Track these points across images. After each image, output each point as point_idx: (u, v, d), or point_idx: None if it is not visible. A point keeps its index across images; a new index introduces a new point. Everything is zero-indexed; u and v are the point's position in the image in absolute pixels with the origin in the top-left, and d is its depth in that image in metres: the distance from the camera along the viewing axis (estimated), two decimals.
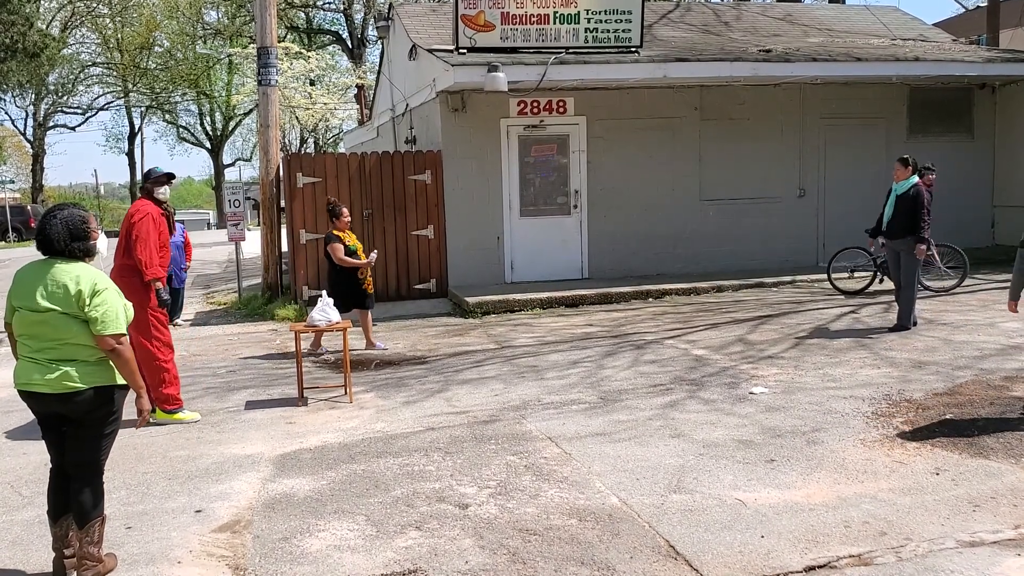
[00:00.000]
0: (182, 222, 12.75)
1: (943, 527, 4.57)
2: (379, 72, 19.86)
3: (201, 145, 57.67)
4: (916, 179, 9.73)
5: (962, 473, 5.30)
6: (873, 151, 14.94)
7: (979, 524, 4.58)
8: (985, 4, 21.43)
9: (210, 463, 6.22)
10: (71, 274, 4.31)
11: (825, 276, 12.83)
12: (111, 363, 4.36)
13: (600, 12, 13.31)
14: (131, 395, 4.50)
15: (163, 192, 7.60)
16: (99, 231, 4.95)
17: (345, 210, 10.10)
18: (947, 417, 6.40)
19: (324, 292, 8.41)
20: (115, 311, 4.32)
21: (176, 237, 11.43)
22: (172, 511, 5.31)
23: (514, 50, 13.04)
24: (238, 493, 5.58)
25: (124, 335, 4.35)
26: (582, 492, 5.28)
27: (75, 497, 4.38)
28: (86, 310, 4.26)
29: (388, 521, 4.98)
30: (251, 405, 7.88)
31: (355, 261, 9.82)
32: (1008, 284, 6.57)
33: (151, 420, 6.82)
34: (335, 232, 9.96)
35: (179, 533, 4.97)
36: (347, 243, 9.93)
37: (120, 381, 4.43)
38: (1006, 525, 4.56)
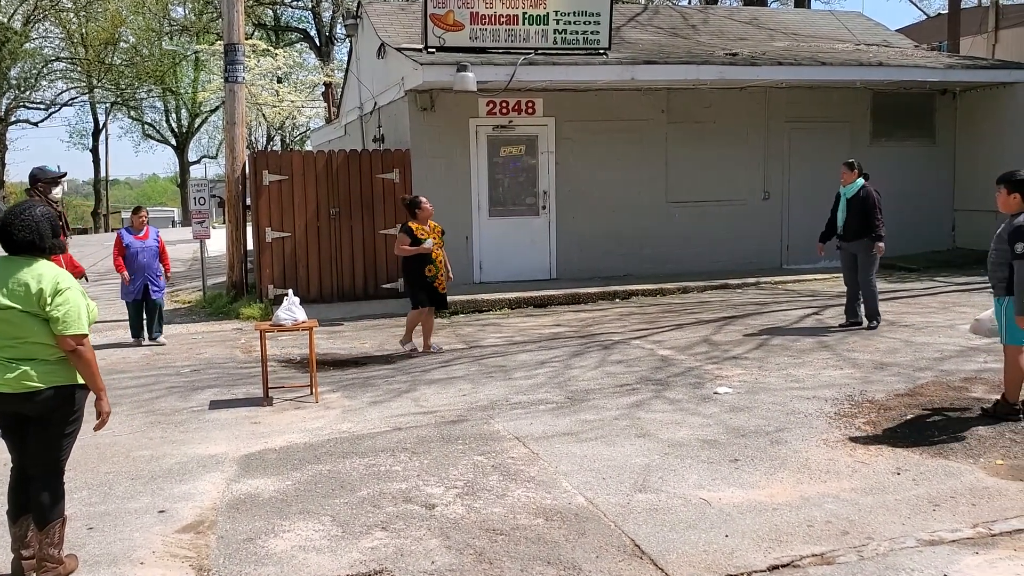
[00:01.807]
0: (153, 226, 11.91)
1: (904, 526, 4.63)
2: (347, 70, 19.77)
3: (167, 142, 57.07)
4: (862, 181, 9.89)
5: (923, 473, 5.38)
6: (837, 155, 14.96)
7: (939, 523, 4.66)
8: (946, 11, 21.77)
9: (173, 463, 6.16)
10: (34, 272, 4.24)
11: (789, 278, 12.97)
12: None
13: (569, 14, 13.36)
14: (91, 397, 4.45)
15: (57, 192, 7.55)
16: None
17: (425, 200, 9.56)
18: (908, 417, 6.49)
19: (291, 291, 8.34)
20: (77, 311, 4.26)
21: (149, 242, 10.86)
22: (135, 511, 5.25)
23: (483, 50, 13.04)
24: (202, 493, 5.53)
25: (86, 335, 4.28)
26: (549, 492, 5.29)
27: (35, 498, 4.32)
28: (47, 309, 4.19)
29: (354, 522, 4.95)
30: (215, 405, 7.81)
31: (412, 249, 9.32)
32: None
33: None
34: (410, 224, 9.44)
35: (142, 534, 4.91)
36: (420, 236, 9.33)
37: (81, 381, 4.37)
38: (965, 524, 4.63)
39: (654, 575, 4.21)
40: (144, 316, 10.95)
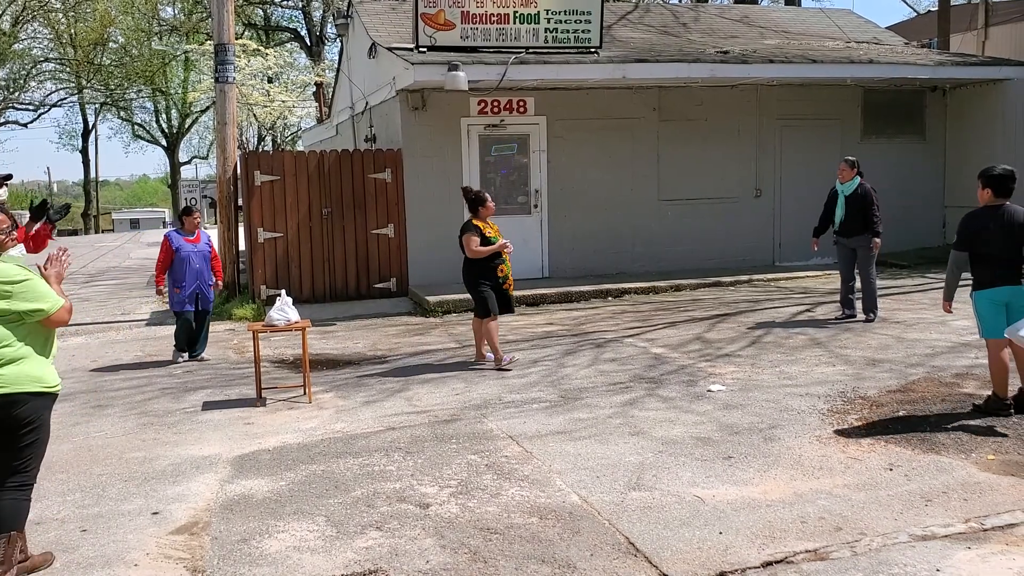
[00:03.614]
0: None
1: (896, 522, 4.65)
2: (338, 70, 19.75)
3: (157, 143, 56.84)
4: (859, 179, 9.99)
5: (915, 469, 5.40)
6: (828, 152, 15.12)
7: (931, 518, 4.68)
8: (936, 8, 21.83)
9: (167, 464, 6.15)
10: None
11: (781, 275, 13.00)
12: (24, 366, 4.24)
13: (560, 12, 13.35)
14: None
15: (3, 193, 7.51)
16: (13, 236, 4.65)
17: (489, 197, 8.88)
18: (900, 414, 6.51)
19: (283, 291, 8.32)
20: (43, 290, 4.29)
21: (201, 245, 9.71)
22: (128, 513, 5.24)
23: (474, 49, 13.04)
24: (196, 495, 5.52)
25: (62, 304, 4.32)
26: (543, 490, 5.30)
27: None
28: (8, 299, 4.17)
29: (348, 521, 4.95)
30: (208, 406, 7.79)
31: (489, 248, 8.58)
32: (958, 283, 6.71)
33: None
34: (474, 222, 8.72)
35: (135, 535, 4.90)
36: (487, 235, 8.65)
37: (36, 389, 4.24)
38: (957, 519, 4.66)
39: (649, 572, 4.22)
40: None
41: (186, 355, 9.81)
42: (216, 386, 8.55)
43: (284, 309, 7.92)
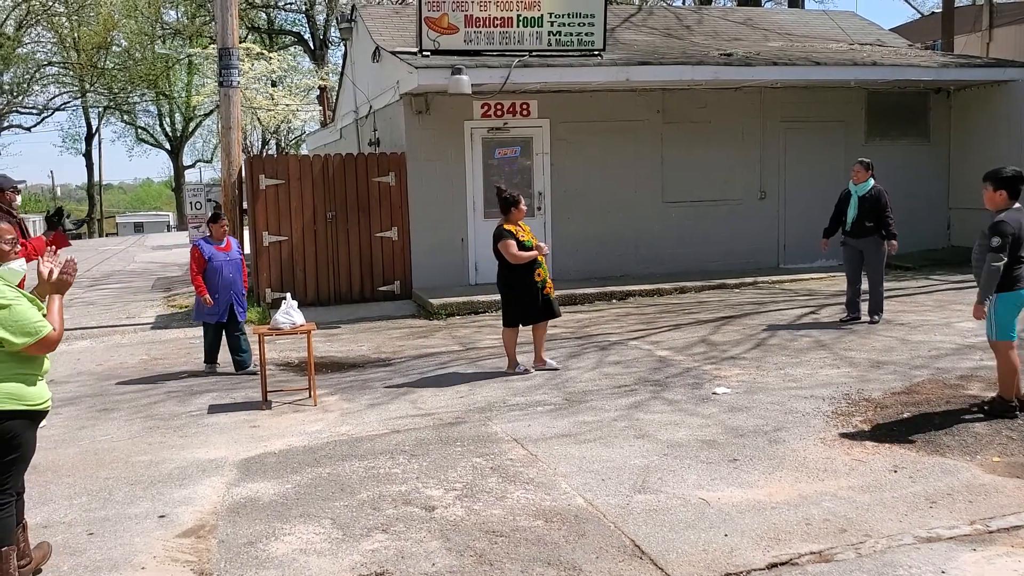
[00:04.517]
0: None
1: (901, 524, 4.66)
2: (342, 74, 19.79)
3: (160, 146, 57.00)
4: (873, 181, 10.00)
5: (919, 471, 5.41)
6: (832, 154, 15.15)
7: (936, 520, 4.68)
8: (940, 10, 21.83)
9: (173, 468, 6.17)
10: None
11: (786, 277, 12.98)
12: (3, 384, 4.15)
13: (563, 15, 13.36)
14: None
15: (19, 200, 7.53)
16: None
17: (522, 198, 8.52)
18: (905, 416, 6.52)
19: (288, 295, 8.34)
20: (25, 319, 4.12)
21: (233, 253, 9.21)
22: (135, 516, 5.26)
23: (478, 53, 13.06)
24: (202, 498, 5.54)
25: (47, 337, 4.16)
26: (548, 493, 5.31)
27: None
28: None
29: (354, 524, 4.97)
30: (214, 409, 7.81)
31: (529, 253, 8.26)
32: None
33: None
34: (506, 227, 8.36)
35: (142, 539, 4.92)
36: (520, 238, 8.30)
37: (14, 407, 4.14)
38: (962, 521, 4.66)
39: (654, 575, 4.23)
40: (224, 340, 9.31)
41: (215, 367, 9.35)
42: (221, 389, 8.58)
43: (290, 312, 7.94)
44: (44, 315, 4.23)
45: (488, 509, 5.09)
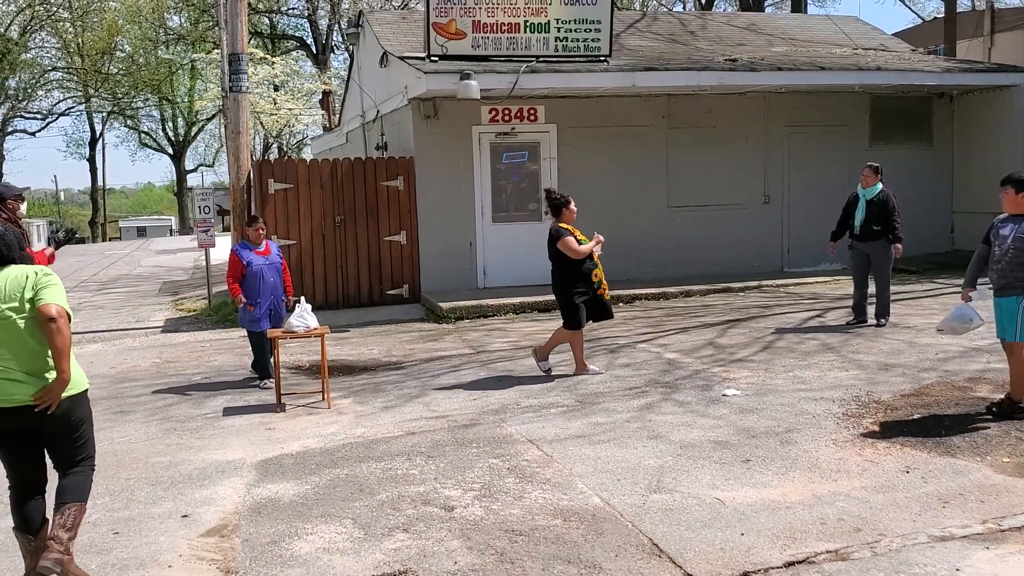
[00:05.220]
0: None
1: (915, 523, 4.73)
2: (348, 78, 19.88)
3: (163, 151, 57.22)
4: (881, 185, 10.08)
5: (931, 471, 5.48)
6: (836, 158, 15.24)
7: (949, 520, 4.76)
8: (941, 15, 21.94)
9: (192, 469, 6.25)
10: (19, 269, 4.39)
11: (790, 281, 13.06)
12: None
13: (570, 21, 13.48)
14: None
15: (23, 209, 7.54)
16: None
17: (572, 200, 8.50)
18: (915, 417, 6.59)
19: (302, 298, 8.41)
20: (60, 291, 4.40)
21: (272, 257, 8.91)
22: (158, 516, 5.34)
23: (485, 58, 13.17)
24: (223, 498, 5.62)
25: (66, 311, 4.35)
26: (565, 493, 5.39)
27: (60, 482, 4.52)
28: (37, 289, 4.29)
29: (375, 524, 5.04)
30: (229, 411, 7.90)
31: (588, 246, 8.33)
32: None
33: None
34: (562, 225, 8.38)
35: (167, 538, 5.00)
36: (577, 237, 8.35)
37: (86, 387, 4.60)
38: (974, 520, 4.73)
39: (673, 572, 4.31)
40: (276, 352, 8.30)
41: (270, 381, 8.62)
42: (235, 392, 8.66)
43: (303, 315, 8.01)
44: None
45: (507, 509, 5.17)
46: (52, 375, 4.33)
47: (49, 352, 4.31)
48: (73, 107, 52.08)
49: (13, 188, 7.55)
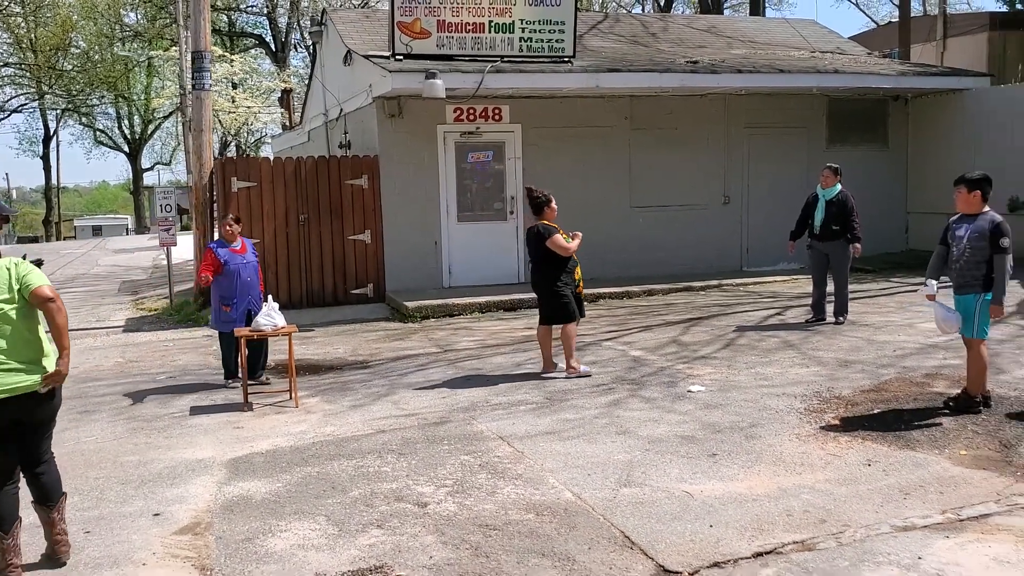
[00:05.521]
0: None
1: (878, 514, 4.88)
2: (311, 76, 19.78)
3: (119, 149, 56.31)
4: (840, 186, 10.29)
5: (892, 464, 5.64)
6: (794, 159, 15.49)
7: (910, 510, 4.91)
8: (896, 20, 22.39)
9: (162, 467, 6.22)
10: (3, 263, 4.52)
11: (750, 280, 13.24)
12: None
13: (534, 22, 13.56)
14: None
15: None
16: None
17: (553, 198, 8.48)
18: (875, 412, 6.76)
19: (270, 297, 8.39)
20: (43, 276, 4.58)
21: (249, 256, 8.78)
22: (129, 515, 5.32)
23: (450, 58, 13.20)
24: (194, 496, 5.61)
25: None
26: (537, 488, 5.46)
27: (45, 480, 4.70)
28: (22, 277, 4.44)
29: (349, 520, 5.08)
30: (196, 411, 7.86)
31: (575, 243, 8.42)
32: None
33: None
34: (547, 223, 8.39)
35: (140, 536, 4.99)
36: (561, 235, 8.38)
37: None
38: (935, 510, 4.89)
39: (645, 564, 4.40)
40: (242, 350, 8.10)
41: (237, 382, 8.51)
42: (202, 391, 8.61)
43: (271, 314, 8.00)
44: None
45: (480, 504, 5.23)
46: (46, 363, 4.47)
47: (41, 342, 4.45)
48: (26, 104, 51.07)
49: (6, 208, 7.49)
